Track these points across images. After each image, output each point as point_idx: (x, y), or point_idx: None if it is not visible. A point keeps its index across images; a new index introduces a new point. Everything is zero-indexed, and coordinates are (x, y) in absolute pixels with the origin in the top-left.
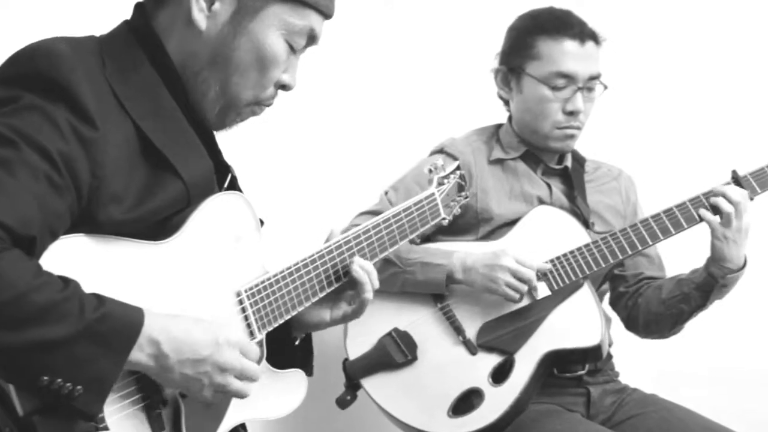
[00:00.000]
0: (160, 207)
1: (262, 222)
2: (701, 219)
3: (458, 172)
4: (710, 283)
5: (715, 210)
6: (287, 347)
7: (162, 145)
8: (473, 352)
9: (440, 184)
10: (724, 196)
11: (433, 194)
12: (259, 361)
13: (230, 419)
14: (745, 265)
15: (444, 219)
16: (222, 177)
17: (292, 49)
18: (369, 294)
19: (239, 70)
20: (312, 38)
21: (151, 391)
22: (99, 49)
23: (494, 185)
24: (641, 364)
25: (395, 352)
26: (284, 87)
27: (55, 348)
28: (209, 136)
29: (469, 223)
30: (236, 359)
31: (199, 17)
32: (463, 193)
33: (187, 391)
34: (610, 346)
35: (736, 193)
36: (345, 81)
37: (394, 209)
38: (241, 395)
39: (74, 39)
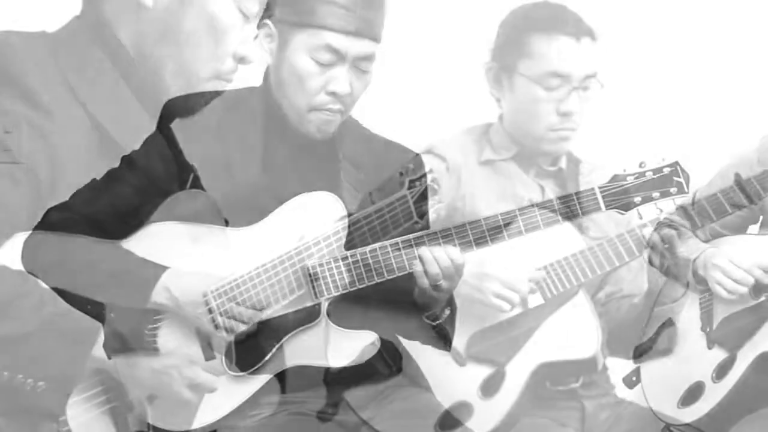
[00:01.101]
0: (118, 201)
1: (227, 222)
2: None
3: (429, 176)
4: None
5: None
6: (259, 356)
7: (120, 137)
8: (462, 364)
9: (411, 187)
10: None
11: (405, 196)
12: (232, 362)
13: (199, 422)
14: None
15: (417, 223)
16: (185, 176)
17: (245, 17)
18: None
19: (191, 41)
20: (268, 6)
21: (117, 394)
22: (52, 43)
23: (484, 187)
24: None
25: (379, 364)
26: (243, 60)
27: (15, 343)
28: (169, 133)
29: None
30: (204, 350)
31: None
32: (436, 197)
33: (158, 389)
34: (605, 357)
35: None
36: None
37: (366, 210)
38: (210, 388)
39: (26, 33)
